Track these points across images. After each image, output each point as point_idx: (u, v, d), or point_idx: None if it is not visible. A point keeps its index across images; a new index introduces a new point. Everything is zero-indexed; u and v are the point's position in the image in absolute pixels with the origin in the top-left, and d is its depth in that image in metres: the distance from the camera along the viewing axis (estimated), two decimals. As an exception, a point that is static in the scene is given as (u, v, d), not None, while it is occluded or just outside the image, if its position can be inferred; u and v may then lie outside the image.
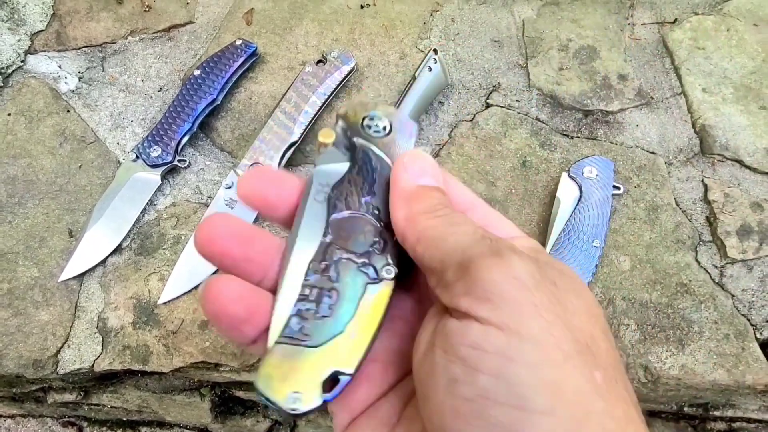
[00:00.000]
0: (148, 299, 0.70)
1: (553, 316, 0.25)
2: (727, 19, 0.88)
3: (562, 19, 0.88)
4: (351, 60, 0.78)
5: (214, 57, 0.79)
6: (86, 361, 0.68)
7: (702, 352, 0.68)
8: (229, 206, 0.73)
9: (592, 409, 0.24)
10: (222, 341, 0.68)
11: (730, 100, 0.81)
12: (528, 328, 0.25)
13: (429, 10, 0.88)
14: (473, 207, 0.33)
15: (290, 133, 0.74)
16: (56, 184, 0.75)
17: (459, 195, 0.33)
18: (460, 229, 0.29)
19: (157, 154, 0.75)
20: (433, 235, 0.29)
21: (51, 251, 0.72)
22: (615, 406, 0.25)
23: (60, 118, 0.79)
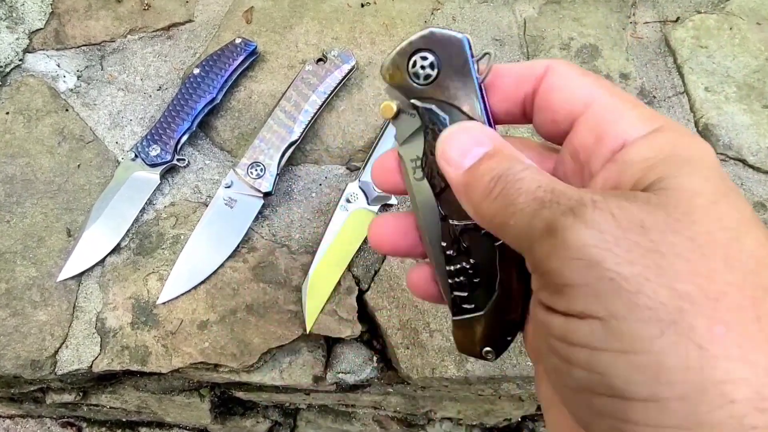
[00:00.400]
0: (146, 299, 0.70)
1: (640, 280, 0.21)
2: (729, 17, 0.87)
3: (564, 17, 0.88)
4: (351, 59, 0.77)
5: (213, 56, 0.78)
6: (84, 362, 0.68)
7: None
8: (228, 205, 0.72)
9: (710, 381, 0.20)
10: (221, 342, 0.68)
11: (733, 99, 0.80)
12: (608, 310, 0.22)
13: (430, 9, 0.88)
14: (581, 109, 0.29)
15: (290, 132, 0.73)
16: (55, 184, 0.75)
17: (558, 95, 0.29)
18: (517, 207, 0.25)
19: (156, 153, 0.74)
20: (498, 222, 0.27)
21: (49, 251, 0.71)
22: (748, 364, 0.20)
23: (58, 117, 0.79)
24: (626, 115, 0.27)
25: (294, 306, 0.70)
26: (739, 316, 0.21)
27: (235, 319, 0.69)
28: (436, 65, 0.31)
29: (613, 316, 0.21)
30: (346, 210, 0.72)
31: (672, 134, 0.26)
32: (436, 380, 0.68)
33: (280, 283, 0.71)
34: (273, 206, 0.75)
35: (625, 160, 0.26)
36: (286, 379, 0.72)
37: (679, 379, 0.20)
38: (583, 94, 0.28)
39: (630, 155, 0.26)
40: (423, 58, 0.31)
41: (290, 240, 0.74)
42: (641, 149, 0.26)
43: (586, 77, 0.29)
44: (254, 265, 0.72)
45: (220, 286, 0.70)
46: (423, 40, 0.31)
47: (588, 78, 0.29)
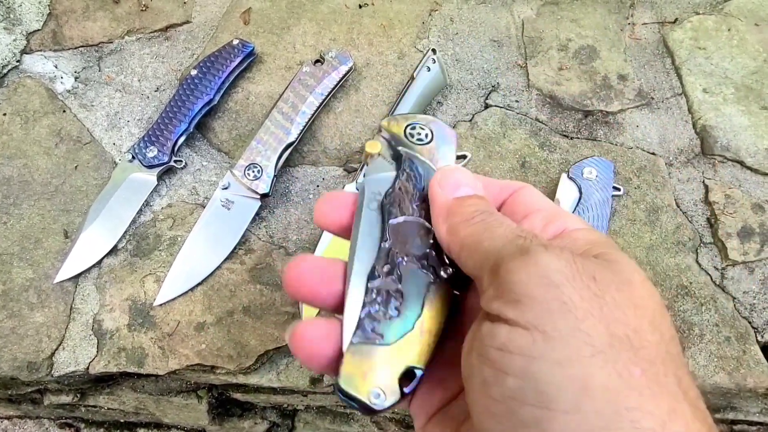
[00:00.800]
0: (143, 301, 0.70)
1: (585, 312, 0.25)
2: (728, 18, 0.87)
3: (562, 18, 0.88)
4: (349, 60, 0.77)
5: (211, 57, 0.78)
6: (81, 364, 0.68)
7: (703, 355, 0.67)
8: (225, 207, 0.72)
9: (624, 405, 0.24)
10: (218, 343, 0.68)
11: (731, 101, 0.80)
12: (554, 326, 0.25)
13: (428, 10, 0.88)
14: (537, 210, 0.33)
15: (287, 133, 0.73)
16: (52, 185, 0.75)
17: (523, 199, 0.35)
18: (495, 233, 0.29)
19: (154, 155, 0.74)
20: (471, 242, 0.30)
21: (46, 252, 0.71)
22: (656, 402, 0.24)
23: (56, 118, 0.79)
24: (573, 218, 0.33)
25: (291, 308, 0.70)
26: (652, 367, 0.25)
27: (232, 321, 0.69)
28: (431, 135, 0.36)
29: (556, 331, 0.25)
30: (343, 211, 0.71)
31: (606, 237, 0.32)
32: (433, 382, 0.68)
33: (277, 284, 0.71)
34: (270, 208, 0.75)
35: (572, 237, 0.31)
36: (283, 381, 0.72)
37: (599, 396, 0.24)
38: (543, 204, 0.34)
39: (575, 235, 0.31)
40: (422, 127, 0.36)
41: (287, 242, 0.74)
42: (583, 233, 0.31)
43: (548, 200, 0.35)
44: (251, 267, 0.72)
45: (217, 288, 0.70)
46: (426, 119, 0.37)
47: (550, 201, 0.35)
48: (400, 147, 0.36)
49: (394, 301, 0.31)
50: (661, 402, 0.24)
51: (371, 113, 0.79)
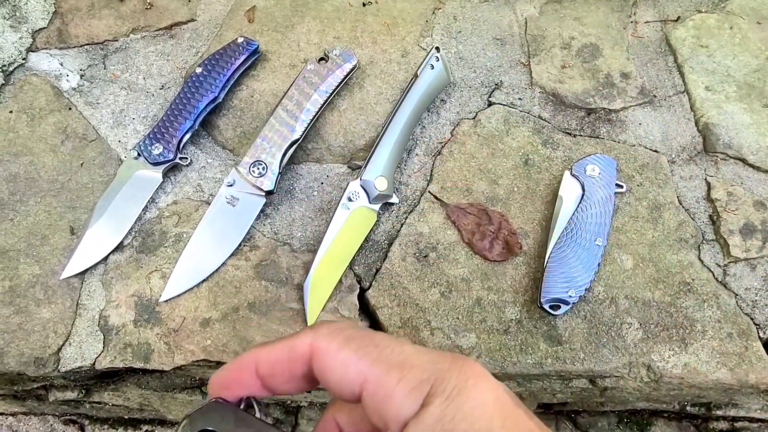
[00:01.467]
0: (149, 297, 0.70)
1: None
2: (730, 17, 0.87)
3: (565, 16, 0.88)
4: (353, 58, 0.78)
5: (215, 55, 0.79)
6: (87, 359, 0.68)
7: (705, 351, 0.67)
8: (230, 204, 0.72)
9: None
10: (224, 339, 0.68)
11: (734, 99, 0.81)
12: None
13: (431, 8, 0.88)
14: (362, 387, 0.31)
15: (292, 131, 0.74)
16: (58, 182, 0.75)
17: (341, 383, 0.31)
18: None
19: (159, 152, 0.74)
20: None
21: (53, 249, 0.72)
22: None
23: (61, 115, 0.79)
24: (396, 393, 0.29)
25: (296, 304, 0.70)
26: None
27: (237, 317, 0.69)
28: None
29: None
30: (347, 209, 0.72)
31: (439, 405, 0.29)
32: (437, 378, 0.69)
33: (281, 281, 0.71)
34: (275, 204, 0.76)
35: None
36: (288, 377, 0.73)
37: None
38: (354, 375, 0.30)
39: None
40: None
41: (292, 238, 0.74)
42: (418, 428, 0.29)
43: (348, 351, 0.30)
44: (256, 263, 0.72)
45: (223, 284, 0.71)
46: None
47: (350, 351, 0.30)
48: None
49: None
50: None
51: (375, 111, 0.79)
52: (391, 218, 0.75)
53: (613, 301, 0.70)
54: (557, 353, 0.68)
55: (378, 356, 0.30)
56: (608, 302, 0.70)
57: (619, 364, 0.67)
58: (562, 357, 0.67)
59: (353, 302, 0.71)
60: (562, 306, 0.67)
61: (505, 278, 0.71)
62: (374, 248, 0.74)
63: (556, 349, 0.68)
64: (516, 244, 0.72)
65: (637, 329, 0.69)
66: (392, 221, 0.75)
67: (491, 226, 0.73)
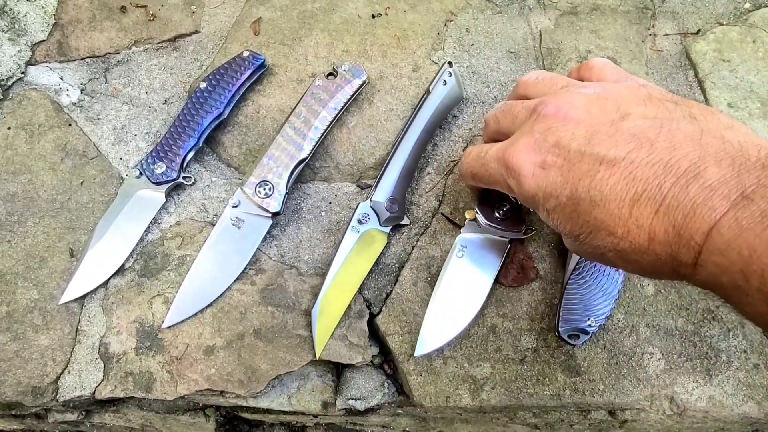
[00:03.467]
0: (151, 323, 0.68)
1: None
2: (752, 29, 0.84)
3: (581, 29, 0.85)
4: (362, 73, 0.75)
5: (220, 69, 0.76)
6: (87, 388, 0.66)
7: (731, 383, 0.65)
8: (235, 226, 0.70)
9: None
10: (228, 368, 0.66)
11: (757, 116, 0.78)
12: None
13: (443, 20, 0.85)
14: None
15: (300, 149, 0.71)
16: (57, 202, 0.73)
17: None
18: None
19: (162, 171, 0.72)
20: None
21: (51, 272, 0.69)
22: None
23: (61, 132, 0.77)
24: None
25: (303, 330, 0.68)
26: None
27: (242, 344, 0.67)
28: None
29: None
30: (357, 231, 0.69)
31: None
32: (449, 409, 0.66)
33: (288, 306, 0.69)
34: (281, 226, 0.73)
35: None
36: (295, 405, 0.70)
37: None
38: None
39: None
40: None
41: (299, 261, 0.71)
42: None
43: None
44: (262, 288, 0.69)
45: (227, 310, 0.68)
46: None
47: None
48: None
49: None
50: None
51: (385, 128, 0.77)
52: (402, 240, 0.73)
53: (633, 330, 0.67)
54: (575, 384, 0.65)
55: None
56: (629, 330, 0.67)
57: (641, 396, 0.65)
58: (580, 388, 0.65)
59: (363, 329, 0.68)
60: (581, 336, 0.64)
61: (521, 305, 0.68)
62: (384, 272, 0.71)
63: (574, 380, 0.65)
64: (532, 269, 0.70)
65: (659, 359, 0.66)
66: (403, 243, 0.72)
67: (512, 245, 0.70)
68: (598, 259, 0.48)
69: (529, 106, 0.54)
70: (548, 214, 0.49)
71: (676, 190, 0.41)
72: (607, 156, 0.45)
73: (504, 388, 0.65)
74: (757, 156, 0.40)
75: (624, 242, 0.43)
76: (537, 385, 0.65)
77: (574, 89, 0.52)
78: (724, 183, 0.39)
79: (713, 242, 0.38)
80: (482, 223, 0.67)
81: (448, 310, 0.66)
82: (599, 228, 0.45)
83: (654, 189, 0.42)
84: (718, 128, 0.43)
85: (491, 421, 0.75)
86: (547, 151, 0.48)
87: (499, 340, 0.67)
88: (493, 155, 0.54)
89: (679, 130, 0.43)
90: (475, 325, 0.67)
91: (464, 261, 0.67)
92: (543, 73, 0.60)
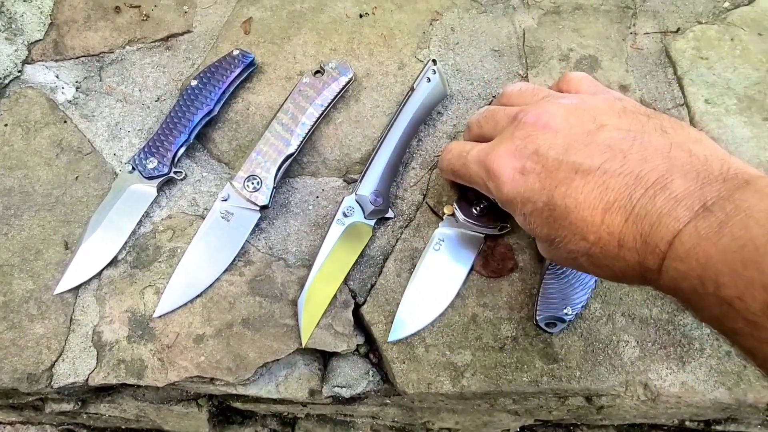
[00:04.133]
0: (143, 313, 0.70)
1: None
2: (731, 28, 0.87)
3: (564, 28, 0.87)
4: (349, 71, 0.77)
5: (211, 67, 0.78)
6: (81, 375, 0.68)
7: (703, 369, 0.67)
8: (225, 219, 0.72)
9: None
10: (217, 356, 0.68)
11: (734, 112, 0.80)
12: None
13: (428, 20, 0.87)
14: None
15: (287, 144, 0.73)
16: (52, 196, 0.75)
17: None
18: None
19: (154, 166, 0.74)
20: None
21: (46, 264, 0.72)
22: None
23: (57, 128, 0.79)
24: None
25: (290, 320, 0.70)
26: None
27: (231, 333, 0.69)
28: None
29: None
30: (342, 224, 0.72)
31: None
32: (431, 395, 0.68)
33: (276, 296, 0.71)
34: (270, 219, 0.75)
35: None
36: (282, 393, 0.72)
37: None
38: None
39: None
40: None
41: (287, 253, 0.74)
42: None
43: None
44: (250, 279, 0.72)
45: (217, 300, 0.70)
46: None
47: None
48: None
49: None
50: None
51: (371, 124, 0.79)
52: (386, 233, 0.75)
53: (610, 318, 0.69)
54: (553, 371, 0.67)
55: None
56: (605, 319, 0.69)
57: (616, 382, 0.67)
58: (558, 375, 0.67)
59: (348, 318, 0.71)
60: (558, 324, 0.66)
61: (501, 294, 0.71)
62: (369, 263, 0.73)
63: (552, 367, 0.67)
64: (511, 260, 0.72)
65: (634, 347, 0.68)
66: (388, 236, 0.75)
67: (487, 242, 0.72)
68: (571, 264, 0.51)
69: (511, 113, 0.56)
70: (525, 218, 0.52)
71: (644, 200, 0.44)
72: (583, 165, 0.47)
73: (484, 375, 0.67)
74: (719, 170, 0.43)
75: (596, 247, 0.46)
76: (516, 372, 0.67)
77: (553, 99, 0.55)
78: (688, 195, 0.42)
79: (675, 250, 0.41)
80: (460, 219, 0.70)
81: (422, 300, 0.68)
82: (573, 233, 0.48)
83: (625, 198, 0.45)
84: (686, 142, 0.46)
85: (474, 409, 0.77)
86: (526, 157, 0.51)
87: (480, 329, 0.69)
88: (475, 157, 0.57)
89: (650, 143, 0.46)
90: (456, 314, 0.70)
91: (440, 254, 0.70)
92: (526, 84, 0.63)
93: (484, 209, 0.70)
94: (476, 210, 0.70)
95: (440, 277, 0.70)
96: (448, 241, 0.71)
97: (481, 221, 0.70)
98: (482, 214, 0.70)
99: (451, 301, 0.69)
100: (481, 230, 0.71)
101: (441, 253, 0.70)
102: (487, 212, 0.70)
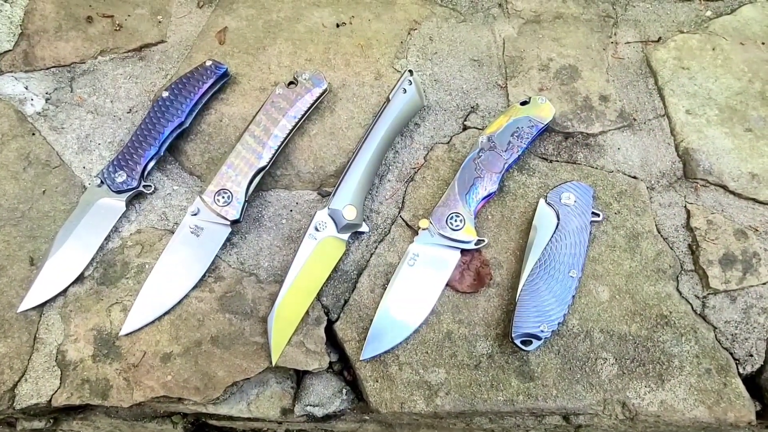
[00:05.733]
0: (109, 331, 0.68)
1: None
2: (712, 37, 0.85)
3: (544, 37, 0.86)
4: (323, 82, 0.76)
5: (182, 78, 0.77)
6: (44, 396, 0.66)
7: (682, 387, 0.65)
8: (194, 234, 0.70)
9: None
10: (185, 375, 0.66)
11: (715, 122, 0.79)
12: None
13: (407, 29, 0.86)
14: None
15: (259, 157, 0.72)
16: (18, 210, 0.73)
17: None
18: None
19: (122, 180, 0.72)
20: None
21: (11, 280, 0.70)
22: None
23: (24, 141, 0.77)
24: None
25: (260, 338, 0.68)
26: None
27: (199, 351, 0.67)
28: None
29: None
30: (314, 239, 0.70)
31: None
32: (405, 415, 0.66)
33: (246, 313, 0.69)
34: (242, 233, 0.74)
35: None
36: (254, 412, 0.71)
37: None
38: None
39: None
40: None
41: (259, 268, 0.72)
42: None
43: None
44: (221, 295, 0.70)
45: (185, 317, 0.69)
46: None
47: None
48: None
49: None
50: None
51: (346, 136, 0.77)
52: (360, 247, 0.73)
53: (587, 335, 0.68)
54: (529, 390, 0.65)
55: None
56: (583, 336, 0.68)
57: (594, 401, 0.65)
58: (534, 394, 0.65)
59: (320, 335, 0.69)
60: (534, 341, 0.65)
61: (477, 311, 0.69)
62: (343, 279, 0.72)
63: (528, 385, 0.65)
64: (487, 275, 0.70)
65: (612, 365, 0.66)
66: (362, 251, 0.73)
67: (463, 256, 0.70)
68: None
69: None
70: None
71: None
72: None
73: (458, 394, 0.65)
74: None
75: None
76: (491, 391, 0.65)
77: None
78: None
79: None
80: (434, 233, 0.68)
81: (396, 317, 0.67)
82: None
83: None
84: None
85: (450, 428, 0.76)
86: None
87: (455, 346, 0.67)
88: None
89: None
90: (431, 331, 0.68)
91: (415, 269, 0.68)
92: None
93: (459, 223, 0.68)
94: (452, 224, 0.69)
95: (415, 293, 0.68)
96: (423, 256, 0.69)
97: (457, 235, 0.69)
98: (458, 228, 0.68)
99: (425, 318, 0.67)
100: (456, 244, 0.69)
101: (415, 268, 0.69)
102: (463, 226, 0.69)
